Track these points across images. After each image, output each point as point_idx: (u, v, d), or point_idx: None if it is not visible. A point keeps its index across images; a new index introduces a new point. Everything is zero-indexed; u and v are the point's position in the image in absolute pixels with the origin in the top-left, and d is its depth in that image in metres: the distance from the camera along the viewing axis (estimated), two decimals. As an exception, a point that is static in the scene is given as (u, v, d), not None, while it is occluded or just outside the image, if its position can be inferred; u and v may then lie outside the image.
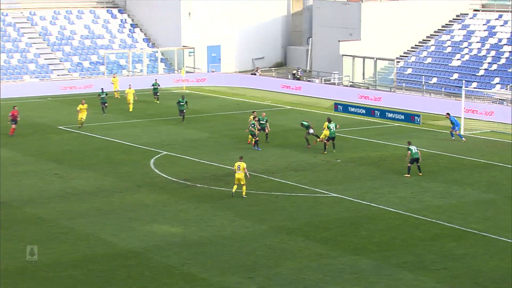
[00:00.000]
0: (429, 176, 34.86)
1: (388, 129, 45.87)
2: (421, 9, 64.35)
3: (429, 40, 63.83)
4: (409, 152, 34.66)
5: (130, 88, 52.79)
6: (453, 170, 35.99)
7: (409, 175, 34.68)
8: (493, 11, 63.17)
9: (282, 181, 34.48)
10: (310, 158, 38.51)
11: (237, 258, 25.27)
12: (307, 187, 33.44)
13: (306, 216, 29.46)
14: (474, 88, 53.98)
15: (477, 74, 57.15)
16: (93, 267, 24.61)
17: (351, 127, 46.80)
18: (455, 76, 58.12)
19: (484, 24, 62.11)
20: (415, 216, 29.17)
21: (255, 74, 65.90)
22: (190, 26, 68.97)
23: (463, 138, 41.80)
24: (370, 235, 27.17)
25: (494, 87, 54.46)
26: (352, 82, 61.48)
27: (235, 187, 31.88)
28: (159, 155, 39.58)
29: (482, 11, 64.13)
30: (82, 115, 46.23)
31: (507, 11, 62.07)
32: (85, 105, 46.57)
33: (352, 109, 50.02)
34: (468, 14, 64.28)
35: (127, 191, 32.98)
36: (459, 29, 63.15)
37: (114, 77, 58.69)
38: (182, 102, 48.40)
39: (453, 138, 41.90)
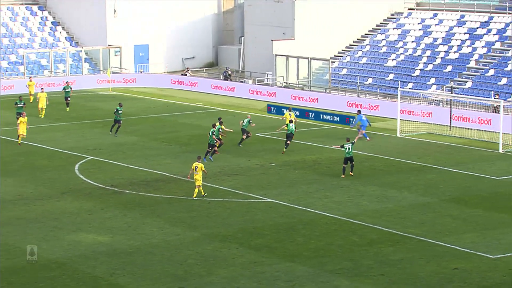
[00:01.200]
0: (365, 179, 35.35)
1: (323, 132, 46.33)
2: (355, 7, 65.23)
3: (364, 40, 64.76)
4: (343, 149, 35.11)
5: (42, 91, 50.91)
6: (390, 173, 36.58)
7: (344, 176, 35.14)
8: (428, 9, 64.50)
9: (215, 186, 34.47)
10: (243, 162, 38.59)
11: (168, 267, 25.14)
12: (241, 192, 33.50)
13: (240, 222, 29.50)
14: (409, 89, 55.02)
15: (412, 75, 58.25)
16: (14, 280, 24.13)
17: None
18: (391, 76, 59.11)
19: (419, 23, 63.36)
20: (352, 221, 29.53)
21: (185, 75, 65.71)
22: (116, 24, 68.32)
23: (368, 138, 43.02)
24: (306, 241, 27.38)
25: (430, 88, 55.62)
26: (286, 82, 61.89)
27: (196, 190, 32.15)
28: (84, 160, 39.08)
29: (417, 9, 65.41)
30: (23, 130, 41.84)
31: (442, 10, 63.51)
32: (25, 118, 42.60)
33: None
34: (403, 13, 65.48)
35: (50, 199, 32.45)
36: (394, 28, 64.26)
37: (30, 81, 56.60)
38: (121, 111, 45.17)
39: (368, 139, 42.82)
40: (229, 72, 64.68)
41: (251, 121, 42.66)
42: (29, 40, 67.98)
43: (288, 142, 39.60)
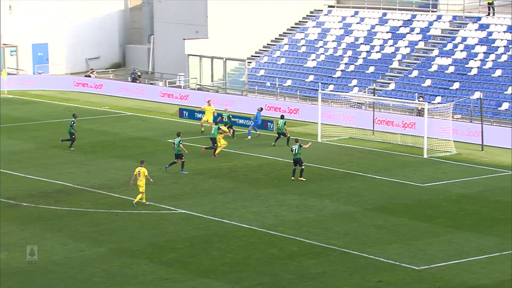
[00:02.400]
0: (284, 188, 35.58)
1: (241, 137, 46.39)
2: (273, 4, 65.65)
3: (282, 39, 65.27)
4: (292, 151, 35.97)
5: None
6: (310, 181, 36.91)
7: (293, 178, 35.99)
8: (348, 7, 65.48)
9: (122, 197, 34.12)
10: (153, 171, 38.29)
11: (71, 286, 24.72)
12: (151, 203, 33.24)
13: (150, 236, 29.26)
14: (330, 91, 55.71)
15: (333, 76, 59.00)
16: None
17: (198, 135, 47.01)
18: (311, 78, 59.74)
19: (339, 22, 64.24)
20: (271, 232, 29.66)
21: (89, 76, 64.93)
22: (11, 21, 66.91)
23: (249, 137, 44.69)
24: (222, 255, 27.35)
25: (352, 90, 56.42)
26: (200, 85, 61.80)
27: (138, 196, 32.24)
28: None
29: (337, 7, 66.32)
30: None
31: (363, 8, 64.57)
32: None
33: (199, 115, 50.23)
34: (322, 10, 66.29)
35: None
36: (314, 26, 64.99)
37: None
38: (73, 123, 43.36)
39: (249, 137, 44.65)
40: (138, 74, 64.22)
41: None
42: None
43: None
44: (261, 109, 47.07)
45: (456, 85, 53.12)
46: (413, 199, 34.01)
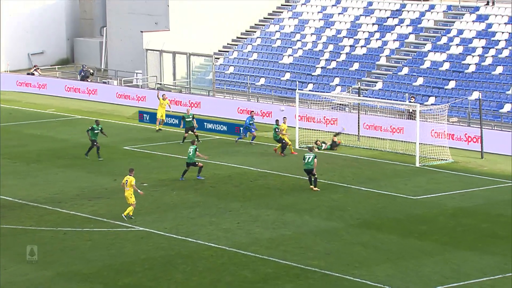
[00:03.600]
0: (258, 201, 35.68)
1: (207, 143, 46.44)
2: (242, -8, 65.92)
3: (254, 32, 65.51)
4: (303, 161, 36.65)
5: None
6: (287, 193, 37.03)
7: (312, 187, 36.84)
8: (329, -4, 65.88)
9: (71, 212, 34.05)
10: (108, 182, 38.25)
11: (14, 317, 24.69)
12: (105, 219, 33.20)
13: (104, 257, 29.22)
14: (309, 91, 55.96)
15: (313, 74, 59.32)
16: None
17: (160, 141, 46.99)
18: (287, 76, 60.01)
19: (319, 12, 64.64)
20: (243, 252, 29.72)
21: (33, 74, 64.78)
22: None
23: (237, 141, 45.37)
24: (186, 279, 27.38)
25: (334, 90, 56.75)
26: (160, 83, 61.83)
27: (128, 209, 32.76)
28: None
29: (317, -5, 66.68)
30: None
31: (346, -4, 65.00)
32: None
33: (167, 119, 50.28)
34: (300, -1, 66.65)
35: None
36: (290, 17, 65.32)
37: None
38: (97, 130, 42.97)
39: (237, 142, 45.35)
40: (91, 71, 64.09)
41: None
42: None
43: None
44: (253, 112, 47.78)
45: (451, 84, 53.59)
46: (404, 214, 34.23)
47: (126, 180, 33.09)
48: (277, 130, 43.71)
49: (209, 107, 54.23)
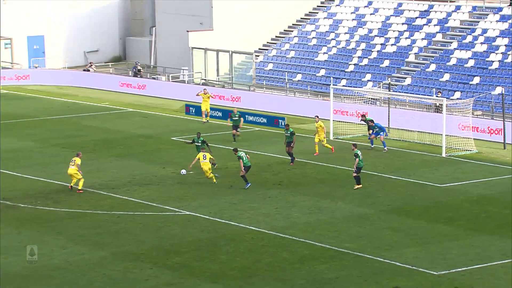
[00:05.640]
0: (295, 188, 35.69)
1: (248, 135, 46.51)
2: (281, -6, 65.79)
3: (292, 31, 65.35)
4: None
5: None
6: (323, 181, 37.01)
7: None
8: (362, -3, 65.55)
9: (124, 198, 34.28)
10: (158, 170, 38.46)
11: (72, 293, 24.93)
12: (155, 204, 33.38)
13: (154, 239, 29.40)
14: (343, 86, 55.78)
15: (346, 70, 59.08)
16: None
17: (205, 132, 47.16)
18: (322, 72, 59.83)
19: (352, 13, 64.33)
20: (281, 235, 29.77)
21: (88, 70, 65.14)
22: (6, 12, 67.15)
23: (385, 148, 42.47)
24: (230, 259, 27.47)
25: (366, 85, 56.50)
26: (205, 79, 61.95)
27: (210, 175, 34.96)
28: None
29: (351, -3, 66.37)
30: None
31: (377, -2, 64.65)
32: None
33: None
34: (334, 1, 66.35)
35: None
36: (325, 18, 65.07)
37: None
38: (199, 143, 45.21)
39: (372, 146, 42.88)
40: (139, 68, 64.39)
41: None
42: None
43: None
44: (364, 115, 43.85)
45: (476, 80, 53.14)
46: (431, 201, 34.09)
47: (204, 155, 35.21)
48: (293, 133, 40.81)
49: (249, 101, 54.27)
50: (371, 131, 42.93)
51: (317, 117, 42.26)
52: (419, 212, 32.50)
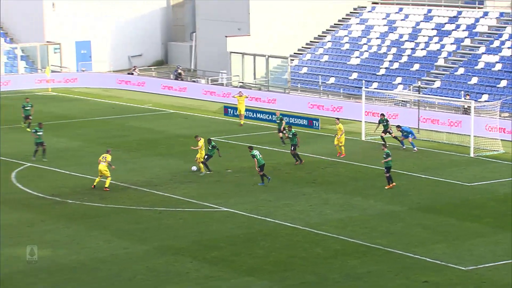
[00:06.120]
0: (328, 186, 35.56)
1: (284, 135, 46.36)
2: (316, 1, 65.57)
3: (325, 36, 65.16)
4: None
5: None
6: (355, 179, 36.83)
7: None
8: (392, 4, 65.16)
9: (166, 194, 34.36)
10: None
11: (116, 284, 25.01)
12: (194, 201, 33.44)
13: (194, 234, 29.44)
14: (374, 88, 55.48)
15: (377, 74, 58.77)
16: None
17: (243, 132, 47.17)
18: (354, 75, 59.57)
19: (383, 19, 63.98)
20: (315, 231, 29.67)
21: (132, 74, 65.46)
22: (55, 18, 67.74)
23: (415, 148, 42.01)
24: (266, 254, 27.42)
25: (396, 88, 56.15)
26: (242, 82, 61.97)
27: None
28: (22, 167, 38.65)
29: (381, 4, 66.04)
30: None
31: (408, 4, 64.22)
32: None
33: (245, 113, 50.34)
34: (366, 7, 66.07)
35: (-15, 210, 32.05)
36: (357, 23, 64.79)
37: None
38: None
39: (404, 147, 42.42)
40: (180, 71, 64.54)
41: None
42: (-43, 36, 67.10)
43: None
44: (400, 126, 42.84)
45: (503, 83, 52.58)
46: (459, 199, 33.78)
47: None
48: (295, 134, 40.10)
49: (285, 103, 54.17)
50: (386, 132, 42.56)
51: (338, 119, 41.99)
52: (448, 210, 32.21)
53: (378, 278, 25.29)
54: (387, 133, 43.02)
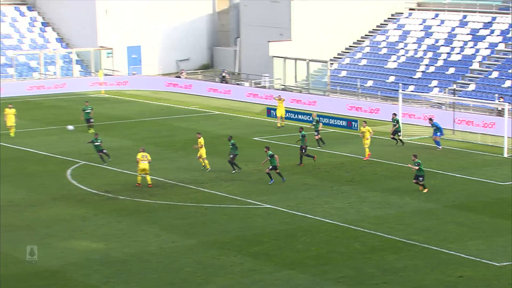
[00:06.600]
0: (366, 185, 35.40)
1: (323, 135, 46.26)
2: (354, 8, 65.36)
3: (364, 41, 64.88)
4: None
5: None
6: (392, 178, 36.62)
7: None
8: (429, 10, 64.67)
9: (211, 191, 34.48)
10: (241, 167, 38.55)
11: (164, 276, 25.13)
12: (238, 198, 33.52)
13: (238, 229, 29.51)
14: (411, 91, 55.11)
15: (414, 77, 58.36)
16: (6, 289, 24.13)
17: (283, 133, 47.15)
18: (392, 78, 59.20)
19: (420, 24, 63.52)
20: (353, 227, 29.56)
21: (179, 77, 65.77)
22: (107, 24, 68.36)
23: (440, 146, 41.91)
24: (306, 249, 27.40)
25: (432, 90, 55.70)
26: (284, 85, 61.93)
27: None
28: (77, 165, 39.07)
29: (418, 10, 65.59)
30: (11, 120, 44.98)
31: (443, 10, 63.68)
32: (13, 110, 45.32)
33: (286, 114, 50.35)
34: (403, 13, 65.64)
35: (42, 205, 32.44)
36: (395, 29, 64.41)
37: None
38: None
39: (440, 147, 41.98)
40: (224, 74, 64.66)
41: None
42: (18, 41, 67.94)
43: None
44: (431, 120, 42.73)
45: (536, 86, 51.91)
46: (493, 197, 33.41)
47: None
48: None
49: (325, 105, 54.05)
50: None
51: (365, 122, 41.61)
52: (482, 208, 31.88)
53: (414, 273, 25.13)
54: (396, 134, 42.53)
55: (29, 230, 29.37)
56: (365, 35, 65.60)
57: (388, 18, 66.14)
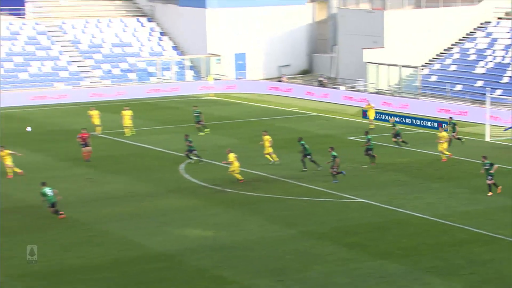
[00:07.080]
0: (455, 182, 34.71)
1: (414, 136, 45.64)
2: (444, 17, 64.16)
3: (453, 48, 63.57)
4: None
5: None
6: (478, 176, 35.71)
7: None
8: (517, 18, 62.83)
9: (309, 186, 34.51)
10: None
11: (267, 262, 25.34)
12: (334, 192, 33.43)
13: (334, 221, 29.46)
14: (498, 95, 53.64)
15: (501, 82, 56.78)
16: (126, 270, 24.82)
17: (377, 133, 46.69)
18: (480, 83, 57.79)
19: (507, 32, 61.75)
20: (442, 221, 29.06)
21: (281, 81, 65.97)
22: (216, 34, 69.32)
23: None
24: (397, 240, 27.11)
25: (519, 94, 54.08)
26: (377, 89, 61.33)
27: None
28: (189, 161, 39.76)
29: (506, 19, 63.77)
30: (127, 121, 45.67)
31: (531, 19, 61.77)
32: (129, 111, 46.07)
33: (379, 116, 49.87)
34: (491, 22, 63.96)
35: (159, 196, 33.19)
36: (483, 37, 62.84)
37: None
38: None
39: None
40: (322, 79, 64.45)
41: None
42: (139, 49, 69.73)
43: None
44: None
45: None
46: None
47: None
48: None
49: (416, 107, 53.25)
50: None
51: (441, 127, 40.36)
52: None
53: (500, 265, 24.51)
54: (458, 139, 40.79)
55: (147, 218, 30.13)
56: (455, 42, 64.28)
57: (478, 27, 64.58)
